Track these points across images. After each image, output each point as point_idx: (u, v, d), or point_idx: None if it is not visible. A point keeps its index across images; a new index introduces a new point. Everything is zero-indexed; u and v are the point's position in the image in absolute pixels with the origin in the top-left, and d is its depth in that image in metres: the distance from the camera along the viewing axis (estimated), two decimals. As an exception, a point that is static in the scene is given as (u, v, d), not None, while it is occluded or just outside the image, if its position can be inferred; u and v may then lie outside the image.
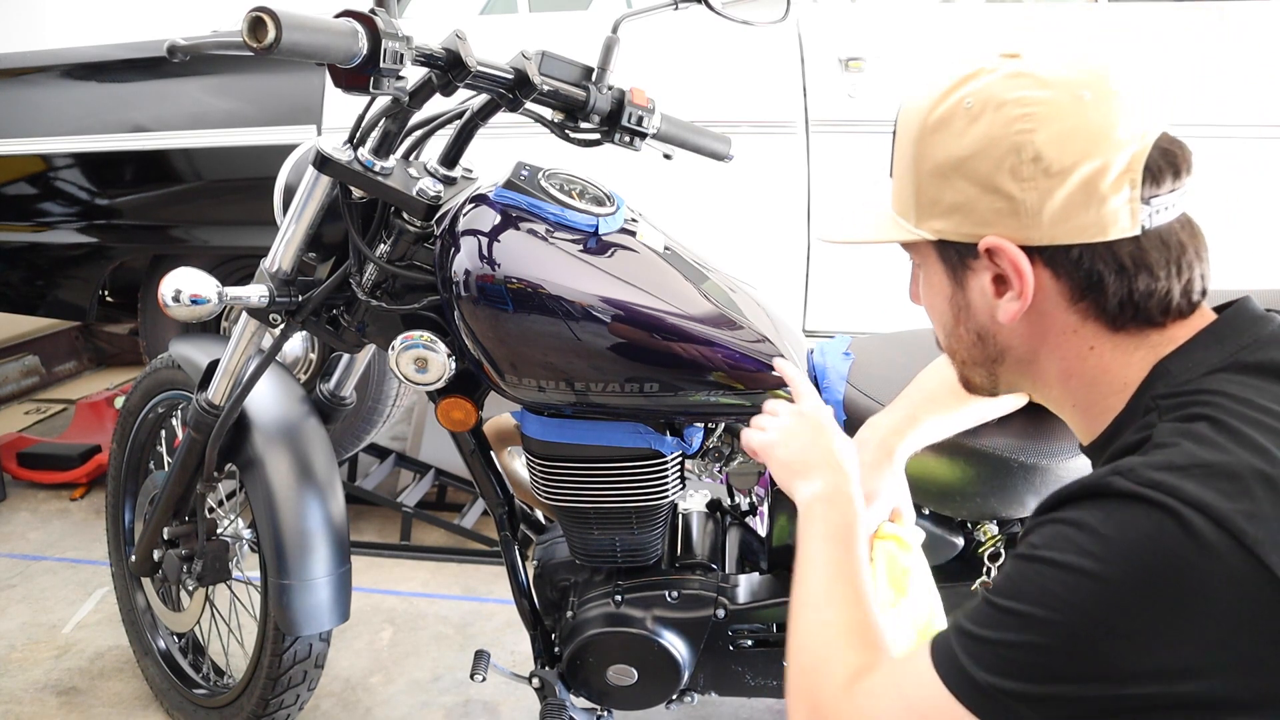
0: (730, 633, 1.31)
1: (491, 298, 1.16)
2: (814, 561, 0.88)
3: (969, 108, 0.70)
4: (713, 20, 1.32)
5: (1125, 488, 0.61)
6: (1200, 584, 0.58)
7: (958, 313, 0.78)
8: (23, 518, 2.71)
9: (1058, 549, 0.63)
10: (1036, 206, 0.68)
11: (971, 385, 0.85)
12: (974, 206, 0.71)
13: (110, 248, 2.58)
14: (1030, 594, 0.63)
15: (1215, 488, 0.59)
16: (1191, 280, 0.71)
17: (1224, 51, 2.06)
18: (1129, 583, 0.59)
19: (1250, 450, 0.60)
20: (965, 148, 0.70)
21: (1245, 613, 0.57)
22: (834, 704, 0.76)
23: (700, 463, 1.32)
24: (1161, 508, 0.59)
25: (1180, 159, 0.69)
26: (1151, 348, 0.71)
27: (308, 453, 1.48)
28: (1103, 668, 0.61)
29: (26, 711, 1.85)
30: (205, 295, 1.24)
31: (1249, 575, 0.57)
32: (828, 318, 2.29)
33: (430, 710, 1.85)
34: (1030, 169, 0.68)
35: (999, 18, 2.26)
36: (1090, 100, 0.67)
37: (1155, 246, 0.69)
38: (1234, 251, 2.08)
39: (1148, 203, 0.68)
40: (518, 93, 1.14)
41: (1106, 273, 0.69)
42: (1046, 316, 0.73)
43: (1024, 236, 0.69)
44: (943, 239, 0.74)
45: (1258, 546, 0.57)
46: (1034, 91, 0.68)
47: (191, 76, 2.39)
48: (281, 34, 0.86)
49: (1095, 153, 0.67)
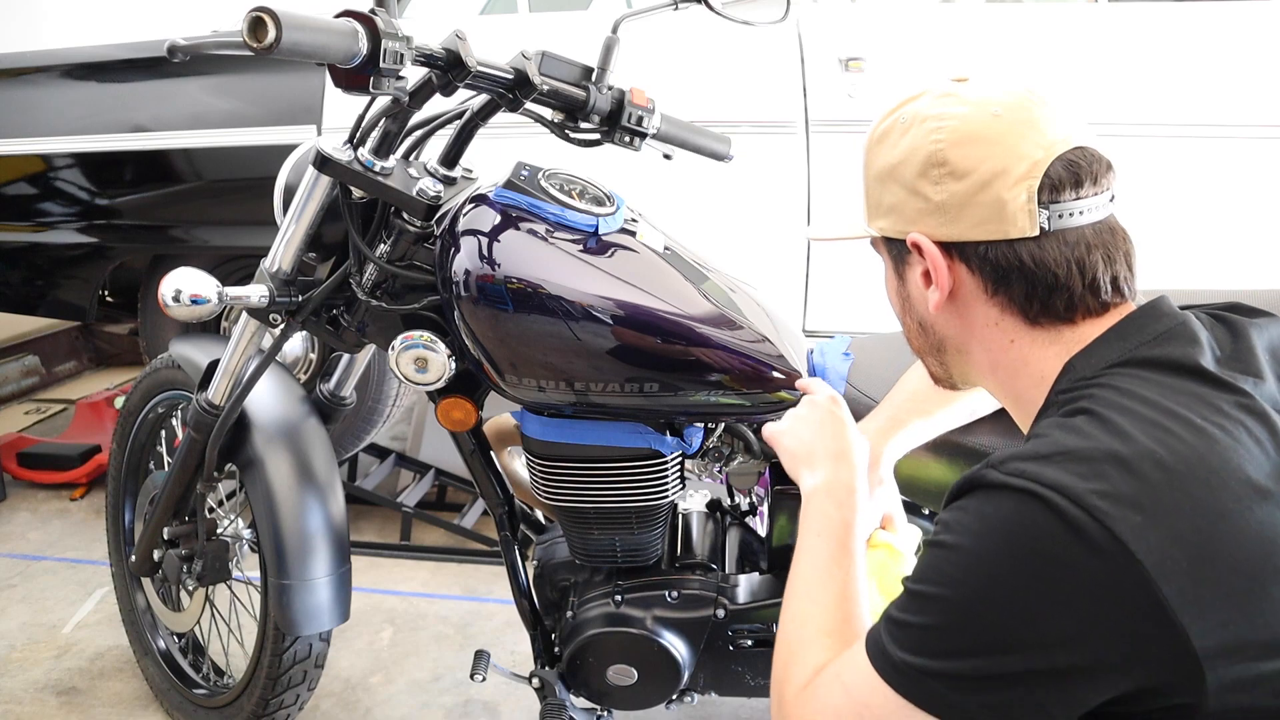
0: (730, 633, 1.31)
1: (491, 298, 1.16)
2: (806, 555, 0.91)
3: (903, 123, 0.81)
4: (713, 20, 1.32)
5: (995, 478, 0.69)
6: (1064, 559, 0.64)
7: (903, 303, 0.88)
8: (23, 518, 2.71)
9: (947, 533, 0.71)
10: (948, 206, 0.77)
11: (935, 377, 0.92)
12: (903, 207, 0.80)
13: (110, 248, 2.58)
14: (928, 575, 0.72)
15: (1073, 471, 0.65)
16: (1098, 280, 0.76)
17: (1224, 51, 2.06)
18: (1000, 556, 0.67)
19: (1113, 435, 0.67)
20: (896, 156, 0.80)
21: (1106, 583, 0.63)
22: (793, 699, 0.81)
23: (700, 463, 1.32)
24: (1024, 492, 0.66)
25: (1084, 169, 0.76)
26: (1065, 344, 0.78)
27: (308, 453, 1.48)
28: (988, 640, 0.67)
29: (26, 711, 1.85)
30: (205, 295, 1.24)
31: (1105, 548, 0.63)
32: (828, 318, 2.29)
33: (430, 710, 1.85)
34: (940, 173, 0.77)
35: (999, 18, 2.26)
36: (1000, 116, 0.77)
37: (1056, 247, 0.76)
38: (1234, 252, 2.09)
39: (1046, 207, 0.75)
40: (518, 93, 1.14)
41: (1010, 270, 0.77)
42: (969, 309, 0.81)
43: (941, 234, 0.79)
44: (885, 235, 0.84)
45: (1110, 521, 0.63)
46: (953, 108, 0.78)
47: (191, 76, 2.39)
48: (281, 34, 0.86)
49: (995, 160, 0.75)
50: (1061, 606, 0.64)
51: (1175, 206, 2.05)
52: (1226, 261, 2.09)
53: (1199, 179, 2.06)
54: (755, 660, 1.33)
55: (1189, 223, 2.06)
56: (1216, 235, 2.09)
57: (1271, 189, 2.05)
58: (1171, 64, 2.07)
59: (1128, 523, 0.63)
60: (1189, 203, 2.06)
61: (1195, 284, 1.09)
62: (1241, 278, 2.07)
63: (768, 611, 1.30)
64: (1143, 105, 2.05)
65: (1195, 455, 0.65)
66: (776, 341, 1.21)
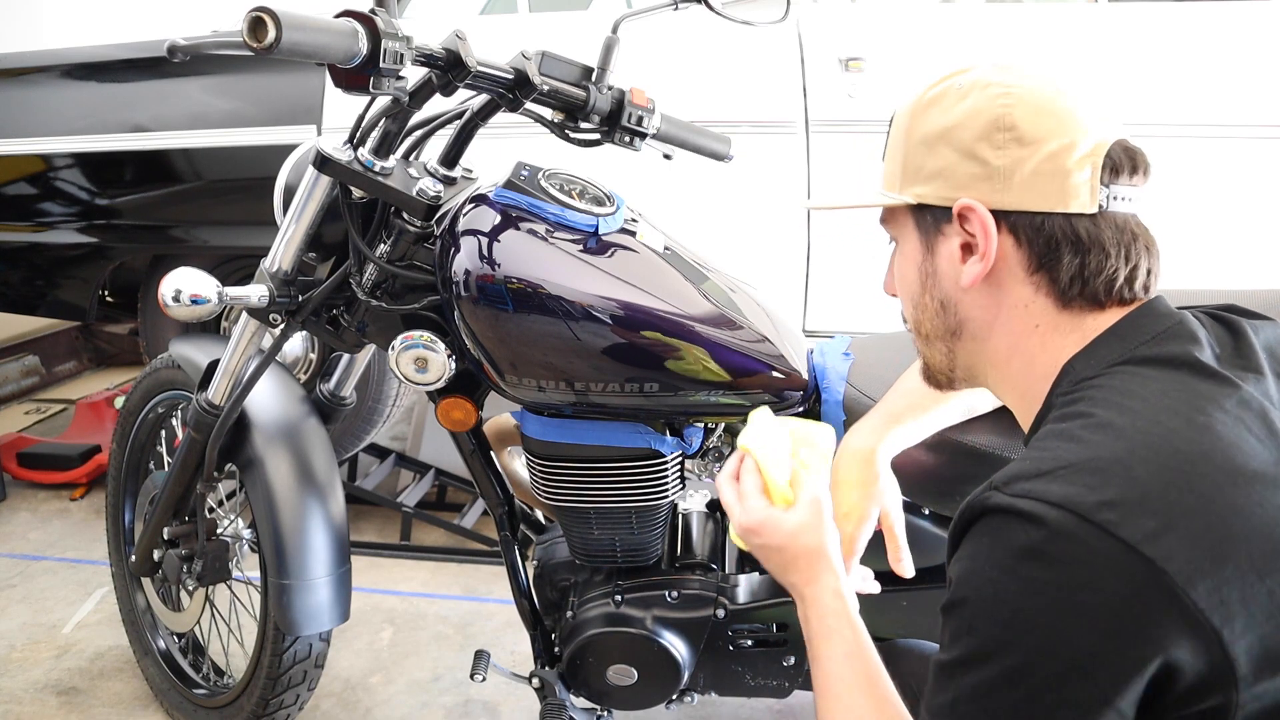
0: (730, 633, 1.31)
1: (491, 298, 1.16)
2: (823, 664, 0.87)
3: (960, 88, 0.79)
4: (713, 20, 1.32)
5: (1001, 502, 0.67)
6: (1083, 576, 0.62)
7: (925, 279, 0.84)
8: (23, 518, 2.71)
9: (966, 589, 0.68)
10: (1008, 172, 0.75)
11: (930, 368, 0.89)
12: (954, 171, 0.78)
13: (110, 248, 2.58)
14: (962, 639, 0.68)
15: (1080, 483, 0.64)
16: (1137, 267, 0.76)
17: (1224, 51, 2.06)
18: (1025, 590, 0.64)
19: (1114, 438, 0.66)
20: (951, 119, 0.78)
21: (1131, 596, 0.62)
22: None
23: (700, 463, 1.32)
24: (1032, 517, 0.64)
25: (1139, 159, 0.76)
26: (1083, 334, 0.77)
27: (308, 453, 1.48)
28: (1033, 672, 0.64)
29: (26, 711, 1.85)
30: (205, 295, 1.24)
31: (1120, 558, 0.62)
32: (828, 318, 2.29)
33: (430, 710, 1.85)
34: (1005, 138, 0.75)
35: (999, 18, 2.26)
36: (1063, 91, 0.76)
37: (1110, 228, 0.75)
38: (1234, 252, 2.09)
39: (1106, 186, 0.75)
40: (518, 93, 1.14)
41: (1063, 243, 0.75)
42: (1002, 287, 0.79)
43: (995, 200, 0.76)
44: (922, 203, 0.81)
45: (1118, 530, 0.62)
46: (1016, 78, 0.77)
47: (191, 76, 2.39)
48: (281, 34, 0.86)
49: (1064, 132, 0.75)
50: (1089, 623, 0.62)
51: (1175, 206, 2.04)
52: (1226, 261, 2.09)
53: (1199, 179, 2.06)
54: (755, 660, 1.33)
55: (1189, 223, 2.06)
56: (1216, 235, 2.09)
57: (1271, 189, 2.05)
58: (1171, 64, 2.07)
59: (1142, 530, 0.62)
60: (1189, 203, 2.06)
61: (1195, 284, 1.08)
62: (1241, 278, 2.07)
63: (768, 611, 1.30)
64: (1143, 105, 2.05)
65: (1199, 452, 0.64)
66: (776, 341, 1.21)
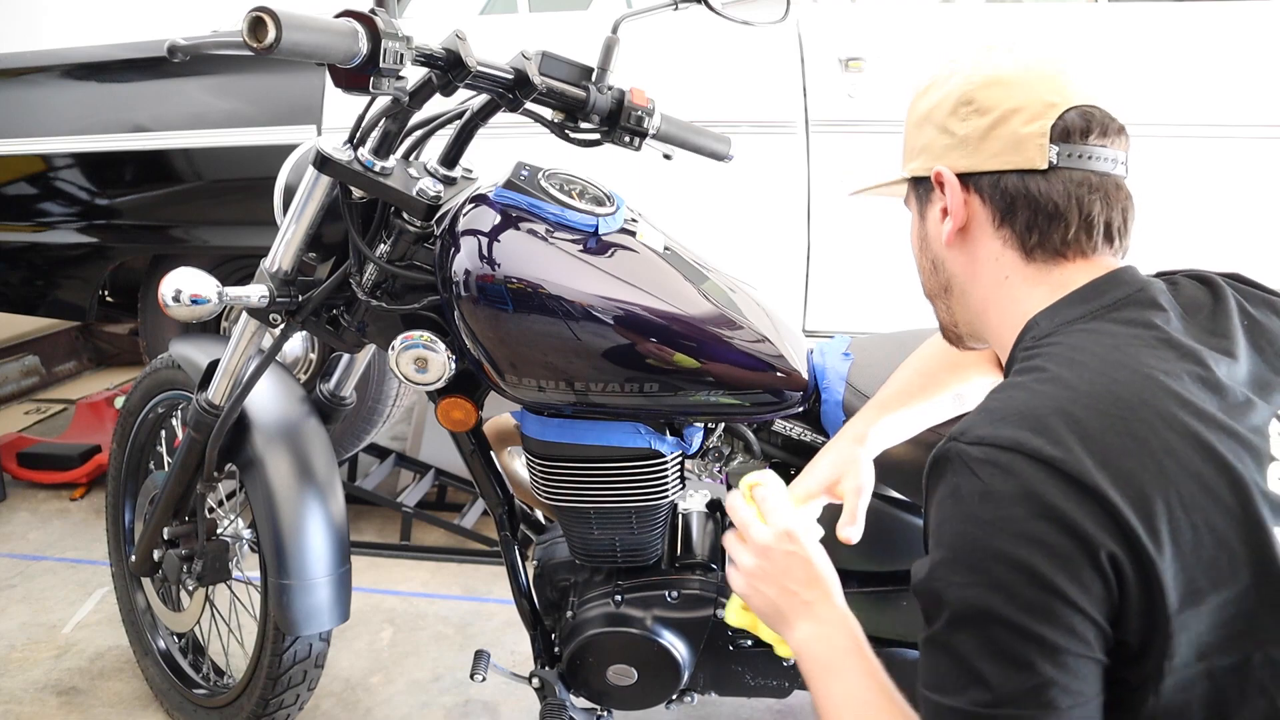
0: (730, 633, 1.31)
1: (491, 298, 1.16)
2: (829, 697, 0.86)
3: (944, 75, 0.88)
4: (713, 20, 1.32)
5: (958, 450, 0.73)
6: (1040, 509, 0.68)
7: (921, 243, 0.93)
8: (23, 518, 2.71)
9: (938, 548, 0.73)
10: (971, 139, 0.84)
11: (944, 326, 0.97)
12: (933, 145, 0.87)
13: (110, 248, 2.58)
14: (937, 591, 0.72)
15: (1026, 427, 0.70)
16: (1093, 218, 0.81)
17: (1224, 51, 2.06)
18: (993, 529, 0.69)
19: (1060, 387, 0.73)
20: (932, 101, 0.88)
21: (1071, 521, 0.67)
22: None
23: (700, 463, 1.32)
24: (989, 461, 0.71)
25: (1094, 122, 0.81)
26: (1050, 287, 0.83)
27: (308, 453, 1.48)
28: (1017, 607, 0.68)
29: (26, 711, 1.85)
30: (205, 295, 1.24)
31: (1071, 493, 0.67)
32: (828, 318, 2.29)
33: (430, 710, 1.85)
34: (968, 110, 0.84)
35: (999, 18, 2.26)
36: (1030, 68, 0.84)
37: (1061, 182, 0.81)
38: (1234, 252, 2.09)
39: (1056, 144, 0.81)
40: (518, 93, 1.14)
41: (1017, 198, 0.82)
42: (976, 243, 0.87)
43: (962, 165, 0.85)
44: (915, 176, 0.91)
45: (1063, 465, 0.68)
46: (989, 59, 0.86)
47: (191, 76, 2.39)
48: (281, 34, 0.86)
49: (1016, 99, 0.82)
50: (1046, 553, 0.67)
51: (1175, 206, 2.05)
52: (1226, 261, 2.08)
53: (1199, 179, 2.06)
54: (755, 660, 1.33)
55: (1189, 223, 2.06)
56: (1216, 235, 2.09)
57: (1271, 189, 2.05)
58: (1171, 64, 2.07)
59: (1084, 466, 0.67)
60: (1189, 203, 2.06)
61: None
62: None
63: (768, 611, 1.30)
64: (1143, 105, 2.05)
65: (1139, 398, 0.70)
66: (776, 341, 1.22)
